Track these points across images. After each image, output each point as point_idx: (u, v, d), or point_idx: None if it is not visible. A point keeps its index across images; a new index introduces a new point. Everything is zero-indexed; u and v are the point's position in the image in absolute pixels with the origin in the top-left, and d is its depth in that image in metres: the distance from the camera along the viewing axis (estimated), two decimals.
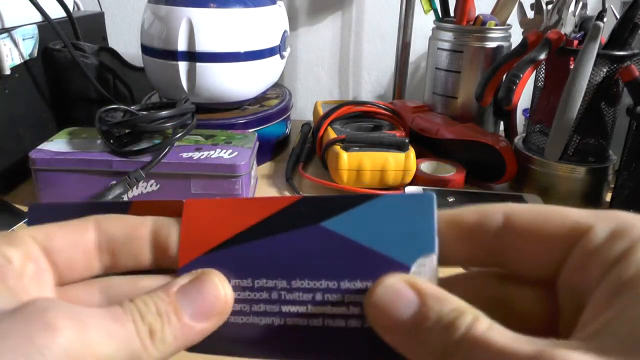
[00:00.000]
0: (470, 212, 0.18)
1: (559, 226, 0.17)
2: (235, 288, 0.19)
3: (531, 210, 0.17)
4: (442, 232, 0.18)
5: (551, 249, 0.17)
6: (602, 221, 0.16)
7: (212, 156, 0.56)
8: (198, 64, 0.65)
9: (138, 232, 0.19)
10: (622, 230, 0.15)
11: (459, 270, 0.20)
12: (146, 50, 0.69)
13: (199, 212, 0.19)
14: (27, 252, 0.18)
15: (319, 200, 0.18)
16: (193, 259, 0.19)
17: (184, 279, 0.18)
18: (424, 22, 0.86)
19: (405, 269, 0.17)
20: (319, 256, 0.18)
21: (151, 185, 0.57)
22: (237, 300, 0.19)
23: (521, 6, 0.68)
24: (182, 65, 0.65)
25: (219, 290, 0.18)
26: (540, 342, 0.14)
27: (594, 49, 0.56)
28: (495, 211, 0.18)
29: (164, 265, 0.20)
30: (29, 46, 0.63)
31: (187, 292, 0.18)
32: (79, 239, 0.19)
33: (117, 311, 0.17)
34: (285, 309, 0.18)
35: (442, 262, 0.17)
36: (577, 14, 0.61)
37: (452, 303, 0.16)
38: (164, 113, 0.57)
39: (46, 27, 0.64)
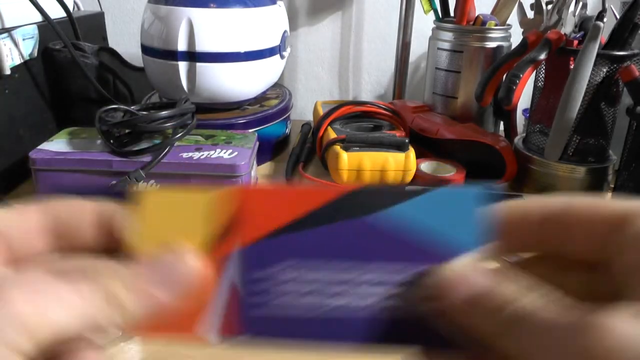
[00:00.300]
0: (536, 205, 0.19)
1: (609, 211, 0.18)
2: (288, 271, 0.19)
3: (584, 200, 0.19)
4: (506, 222, 0.19)
5: (602, 232, 0.18)
6: None
7: (212, 156, 0.56)
8: (198, 64, 0.65)
9: (83, 214, 0.19)
10: None
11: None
12: (146, 50, 0.69)
13: (251, 200, 0.19)
14: None
15: (373, 191, 0.19)
16: (248, 244, 0.19)
17: (148, 254, 0.18)
18: (424, 22, 0.86)
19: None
20: (373, 245, 0.18)
21: (151, 185, 0.57)
22: (287, 284, 0.19)
23: (521, 6, 0.68)
24: (182, 65, 0.65)
25: (185, 262, 0.18)
26: (582, 309, 0.15)
27: (594, 49, 0.56)
28: (556, 203, 0.19)
29: (112, 247, 0.19)
30: (29, 46, 0.63)
31: (150, 263, 0.18)
32: (25, 221, 0.19)
33: (72, 278, 0.16)
34: (336, 294, 0.19)
35: (502, 250, 0.19)
36: (577, 14, 0.61)
37: (515, 283, 0.17)
38: (164, 113, 0.57)
39: (46, 27, 0.64)
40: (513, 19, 0.71)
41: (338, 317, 0.18)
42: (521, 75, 0.59)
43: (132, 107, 0.58)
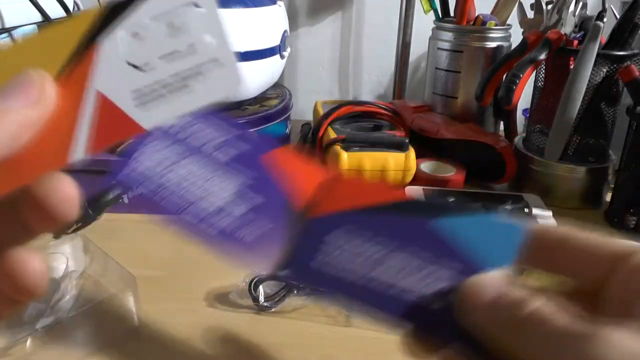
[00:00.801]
0: (557, 231, 0.22)
1: (610, 248, 0.20)
2: (344, 239, 0.22)
3: (590, 235, 0.21)
4: (530, 242, 0.22)
5: (602, 265, 0.20)
6: None
7: None
8: None
9: None
10: None
11: None
12: None
13: (338, 185, 0.24)
14: None
15: (430, 203, 0.23)
16: (329, 213, 0.23)
17: None
18: (424, 22, 0.86)
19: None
20: (421, 241, 0.22)
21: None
22: (341, 250, 0.22)
23: (521, 6, 0.68)
24: None
25: (37, 78, 0.17)
26: (591, 322, 0.17)
27: (594, 49, 0.56)
28: (571, 233, 0.21)
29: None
30: None
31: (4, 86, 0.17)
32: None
33: None
34: (377, 270, 0.22)
35: (523, 266, 0.22)
36: (577, 14, 0.61)
37: (528, 289, 0.20)
38: None
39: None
40: (513, 19, 0.71)
41: (374, 288, 0.22)
42: (521, 75, 0.59)
43: None
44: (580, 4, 0.61)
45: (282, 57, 0.74)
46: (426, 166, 0.67)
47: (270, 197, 0.23)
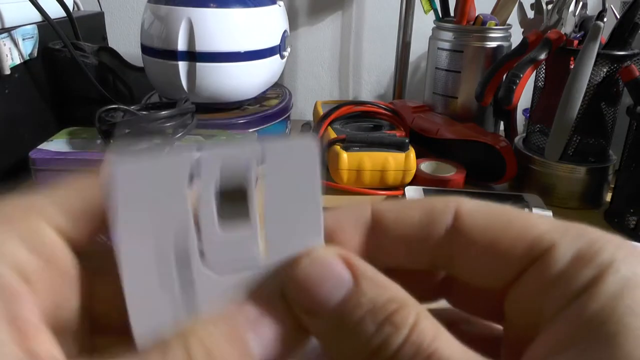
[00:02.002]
0: (416, 209, 0.15)
1: (517, 238, 0.14)
2: None
3: (487, 213, 0.15)
4: (380, 230, 0.15)
5: (506, 263, 0.14)
6: (568, 238, 0.14)
7: None
8: (198, 64, 0.65)
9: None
10: (589, 252, 0.13)
11: None
12: (146, 50, 0.69)
13: None
14: (50, 257, 0.14)
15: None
16: None
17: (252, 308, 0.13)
18: (424, 22, 0.86)
19: None
20: None
21: None
22: None
23: (521, 6, 0.68)
24: (182, 65, 0.65)
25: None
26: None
27: (594, 49, 0.56)
28: (444, 210, 0.15)
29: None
30: (29, 46, 0.63)
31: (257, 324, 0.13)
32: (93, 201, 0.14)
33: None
34: None
35: (378, 264, 0.14)
36: (577, 13, 0.61)
37: (390, 291, 0.13)
38: (164, 113, 0.57)
39: (46, 27, 0.64)
40: (513, 18, 0.71)
41: None
42: (521, 75, 0.58)
43: (132, 107, 0.58)
44: (581, 3, 0.61)
45: (282, 57, 0.74)
46: (426, 166, 0.67)
47: None
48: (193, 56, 0.65)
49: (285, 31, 0.74)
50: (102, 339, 0.15)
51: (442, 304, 0.17)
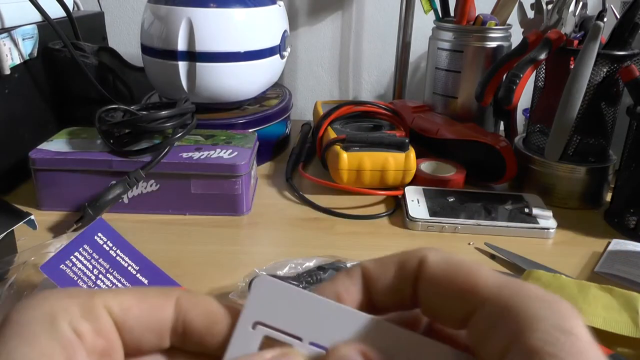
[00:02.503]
0: (391, 263, 0.18)
1: (463, 288, 0.17)
2: None
3: (444, 263, 0.17)
4: (370, 284, 0.18)
5: (457, 307, 0.17)
6: (494, 300, 0.16)
7: (212, 156, 0.56)
8: (198, 64, 0.65)
9: (215, 323, 0.18)
10: (503, 320, 0.15)
11: None
12: (146, 50, 0.69)
13: None
14: (100, 327, 0.16)
15: None
16: None
17: (270, 353, 0.17)
18: (424, 22, 0.86)
19: None
20: None
21: (151, 185, 0.57)
22: None
23: (521, 6, 0.68)
24: (182, 65, 0.65)
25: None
26: None
27: (594, 49, 0.56)
28: (411, 259, 0.18)
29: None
30: (29, 46, 0.63)
31: None
32: (156, 318, 0.18)
33: None
34: None
35: (373, 311, 0.18)
36: (577, 13, 0.61)
37: None
38: (164, 113, 0.57)
39: (46, 27, 0.64)
40: (513, 19, 0.71)
41: None
42: (521, 75, 0.58)
43: (132, 107, 0.58)
44: (581, 4, 0.61)
45: (282, 57, 0.74)
46: (426, 166, 0.67)
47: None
48: (193, 56, 0.65)
49: (285, 31, 0.74)
50: None
51: None
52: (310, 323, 0.18)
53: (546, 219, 0.56)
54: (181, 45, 0.64)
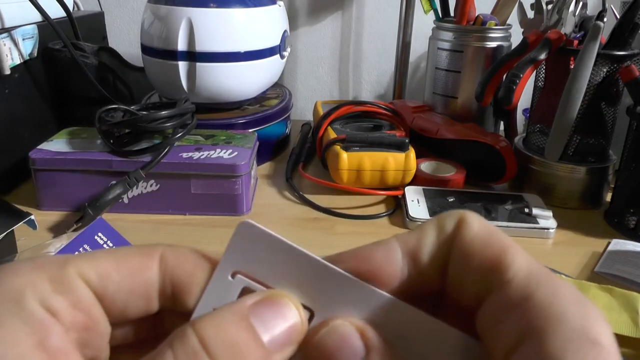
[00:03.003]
0: (427, 227, 0.16)
1: (490, 260, 0.15)
2: None
3: (482, 228, 0.16)
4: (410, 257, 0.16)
5: (478, 280, 0.15)
6: (518, 284, 0.14)
7: (212, 156, 0.56)
8: (198, 64, 0.65)
9: (196, 272, 0.16)
10: (521, 310, 0.14)
11: None
12: (146, 50, 0.69)
13: None
14: (77, 300, 0.15)
15: None
16: None
17: (252, 298, 0.15)
18: (424, 22, 0.86)
19: None
20: None
21: (151, 185, 0.57)
22: None
23: (521, 6, 0.68)
24: (182, 65, 0.65)
25: (297, 313, 0.15)
26: None
27: (594, 49, 0.56)
28: (448, 219, 0.16)
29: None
30: (29, 46, 0.63)
31: (260, 313, 0.15)
32: (139, 281, 0.16)
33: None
34: None
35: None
36: (577, 13, 0.61)
37: None
38: (164, 113, 0.57)
39: (46, 27, 0.64)
40: (513, 18, 0.71)
41: None
42: (521, 75, 0.58)
43: (132, 107, 0.58)
44: (581, 4, 0.61)
45: (282, 57, 0.74)
46: (426, 166, 0.67)
47: None
48: (193, 56, 0.65)
49: (285, 31, 0.74)
50: None
51: None
52: (297, 281, 0.16)
53: (546, 219, 0.56)
54: (181, 45, 0.64)
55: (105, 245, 0.41)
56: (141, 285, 0.16)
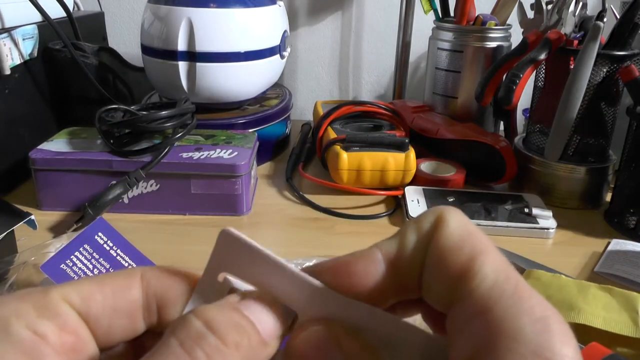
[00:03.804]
0: (407, 230, 0.16)
1: (460, 266, 0.15)
2: None
3: (460, 228, 0.15)
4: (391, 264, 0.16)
5: (446, 287, 0.15)
6: (479, 295, 0.14)
7: (212, 156, 0.56)
8: (198, 64, 0.65)
9: (177, 289, 0.17)
10: (479, 323, 0.13)
11: None
12: (146, 50, 0.69)
13: None
14: (63, 323, 0.15)
15: None
16: None
17: (239, 295, 0.16)
18: (424, 22, 0.86)
19: None
20: None
21: (151, 185, 0.57)
22: None
23: (521, 6, 0.68)
24: (182, 65, 0.65)
25: (279, 312, 0.16)
26: None
27: (594, 49, 0.56)
28: (426, 217, 0.16)
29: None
30: (29, 46, 0.63)
31: (248, 306, 0.16)
32: (122, 300, 0.16)
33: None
34: None
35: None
36: (577, 14, 0.61)
37: None
38: (164, 113, 0.57)
39: (46, 27, 0.64)
40: (513, 19, 0.71)
41: None
42: (521, 75, 0.58)
43: (132, 107, 0.58)
44: (580, 4, 0.61)
45: (282, 57, 0.74)
46: (426, 166, 0.67)
47: None
48: (193, 56, 0.65)
49: (285, 31, 0.74)
50: None
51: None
52: (276, 287, 0.16)
53: (546, 219, 0.56)
54: (181, 46, 0.64)
55: (105, 245, 0.41)
56: (125, 303, 0.16)
